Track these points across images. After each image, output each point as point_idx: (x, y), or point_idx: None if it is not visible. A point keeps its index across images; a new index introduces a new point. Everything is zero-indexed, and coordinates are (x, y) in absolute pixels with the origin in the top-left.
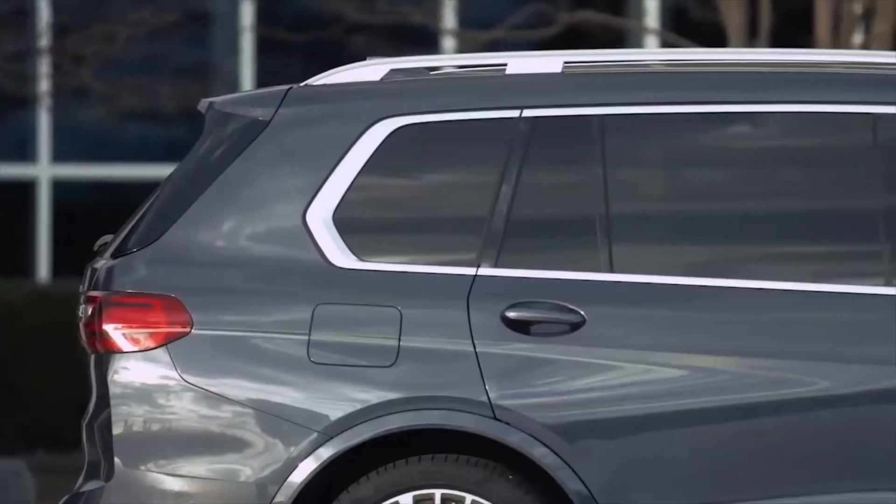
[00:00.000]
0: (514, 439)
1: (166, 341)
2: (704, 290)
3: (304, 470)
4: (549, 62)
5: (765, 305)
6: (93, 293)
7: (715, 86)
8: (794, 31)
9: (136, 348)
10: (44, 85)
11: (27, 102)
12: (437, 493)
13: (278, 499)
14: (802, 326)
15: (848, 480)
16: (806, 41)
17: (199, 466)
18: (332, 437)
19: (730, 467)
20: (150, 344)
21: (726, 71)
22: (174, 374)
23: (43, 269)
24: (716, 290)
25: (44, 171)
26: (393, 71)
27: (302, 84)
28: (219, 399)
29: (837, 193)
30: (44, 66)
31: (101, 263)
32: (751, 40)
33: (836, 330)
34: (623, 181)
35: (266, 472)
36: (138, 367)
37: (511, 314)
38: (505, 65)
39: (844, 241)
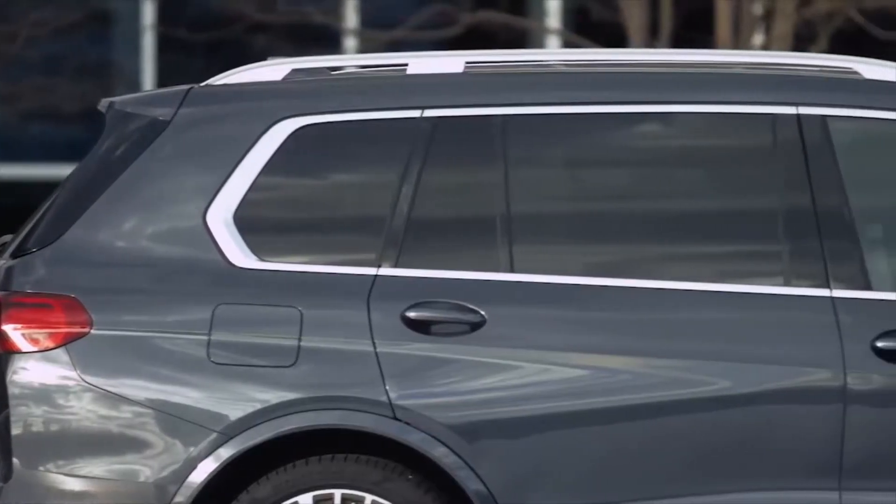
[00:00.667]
0: (413, 439)
1: (66, 341)
2: (604, 290)
3: (204, 470)
4: (450, 62)
5: (664, 305)
6: None
7: (616, 86)
8: (695, 31)
9: (35, 349)
10: None
11: None
12: (337, 493)
13: (178, 499)
14: (701, 326)
15: (747, 480)
16: (707, 42)
17: (99, 467)
18: (231, 438)
19: (630, 467)
20: (50, 344)
21: (627, 71)
22: (74, 374)
23: None
24: (616, 290)
25: None
26: (294, 71)
27: (203, 84)
28: (118, 399)
29: (737, 194)
30: None
31: (1, 263)
32: (652, 41)
33: (734, 330)
34: (524, 181)
35: (165, 473)
36: (38, 368)
37: (411, 314)
38: (406, 65)
39: (744, 241)
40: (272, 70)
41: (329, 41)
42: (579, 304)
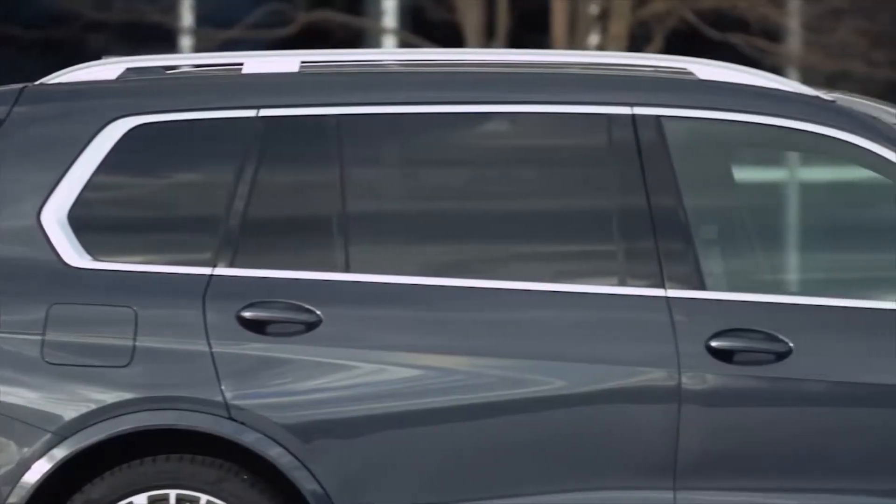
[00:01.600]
0: (249, 439)
1: None
2: (441, 290)
3: (38, 471)
4: (285, 62)
5: (501, 305)
6: None
7: (452, 86)
8: (531, 31)
9: None
10: None
11: None
12: (172, 494)
13: (11, 500)
14: (537, 326)
15: (583, 479)
16: (543, 42)
17: None
18: (66, 438)
19: (466, 466)
20: None
21: (463, 72)
22: None
23: None
24: (453, 289)
25: None
26: (129, 70)
27: (37, 82)
28: None
29: (573, 194)
30: None
31: None
32: (488, 41)
33: (570, 330)
34: (360, 181)
35: None
36: None
37: (247, 314)
38: (241, 64)
39: (580, 241)
40: (107, 69)
41: (165, 40)
42: (416, 304)
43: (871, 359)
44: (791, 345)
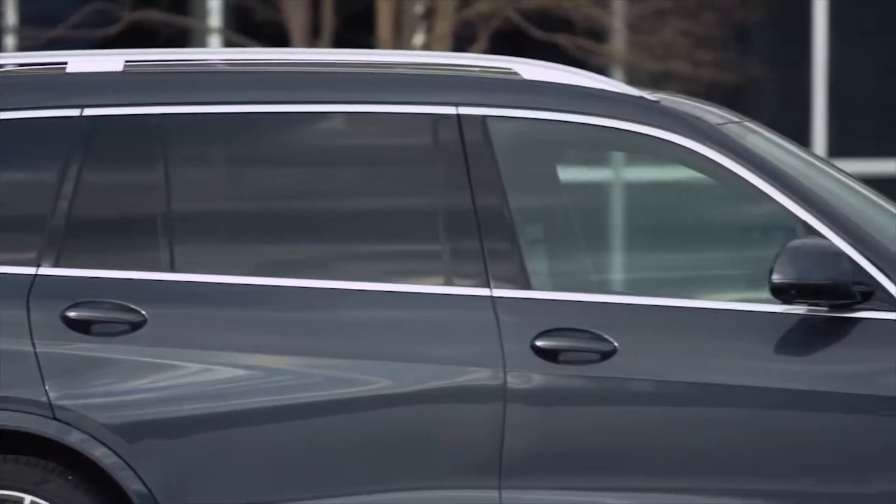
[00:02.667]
0: (73, 439)
1: None
2: (268, 290)
3: None
4: (110, 61)
5: (327, 305)
6: None
7: (278, 86)
8: (357, 31)
9: None
10: None
11: None
12: None
13: None
14: (364, 326)
15: (410, 479)
16: (368, 42)
17: None
18: None
19: (292, 467)
20: None
21: (290, 71)
22: None
23: None
24: (279, 289)
25: None
26: None
27: None
28: None
29: (400, 194)
30: None
31: None
32: (313, 41)
33: (397, 329)
34: (185, 181)
35: None
36: None
37: (71, 314)
38: (65, 63)
39: (407, 241)
40: None
41: None
42: (242, 304)
43: (696, 358)
44: (616, 344)
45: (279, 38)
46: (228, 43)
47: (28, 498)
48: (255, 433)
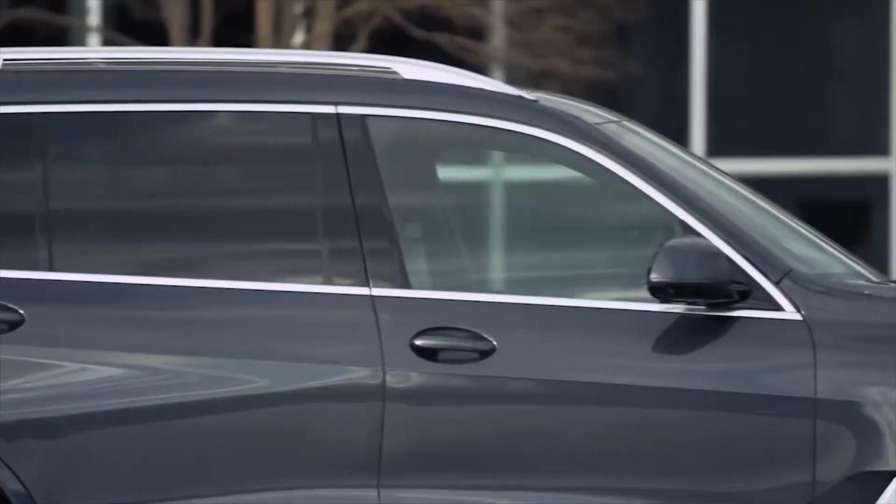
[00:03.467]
0: None
1: None
2: (147, 289)
3: None
4: None
5: (205, 304)
6: None
7: (157, 85)
8: (237, 31)
9: None
10: None
11: None
12: None
13: None
14: (244, 325)
15: (289, 478)
16: (248, 41)
17: None
18: None
19: (170, 466)
20: None
21: (169, 70)
22: None
23: None
24: (158, 288)
25: None
26: None
27: None
28: None
29: (279, 193)
30: None
31: None
32: (193, 40)
33: (276, 328)
34: (64, 180)
35: None
36: None
37: None
38: None
39: (286, 240)
40: None
41: None
42: (121, 303)
43: (575, 357)
44: (495, 343)
45: (159, 37)
46: (108, 42)
47: None
48: (134, 432)
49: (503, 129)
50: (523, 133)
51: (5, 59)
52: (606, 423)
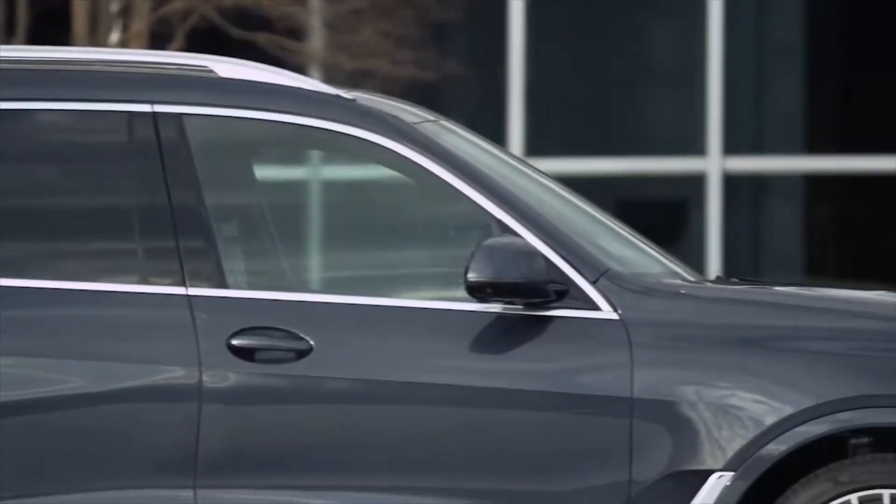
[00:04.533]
0: None
1: None
2: None
3: None
4: None
5: (23, 303)
6: None
7: None
8: (53, 29)
9: None
10: None
11: None
12: None
13: None
14: (61, 325)
15: (104, 478)
16: (64, 39)
17: None
18: None
19: None
20: None
21: None
22: None
23: None
24: None
25: None
26: None
27: None
28: None
29: (95, 192)
30: None
31: None
32: (8, 38)
33: (92, 328)
34: None
35: None
36: None
37: None
38: None
39: (103, 239)
40: None
41: None
42: None
43: (393, 356)
44: (312, 343)
45: None
46: None
47: None
48: None
49: (321, 129)
50: (341, 132)
51: None
52: (424, 423)
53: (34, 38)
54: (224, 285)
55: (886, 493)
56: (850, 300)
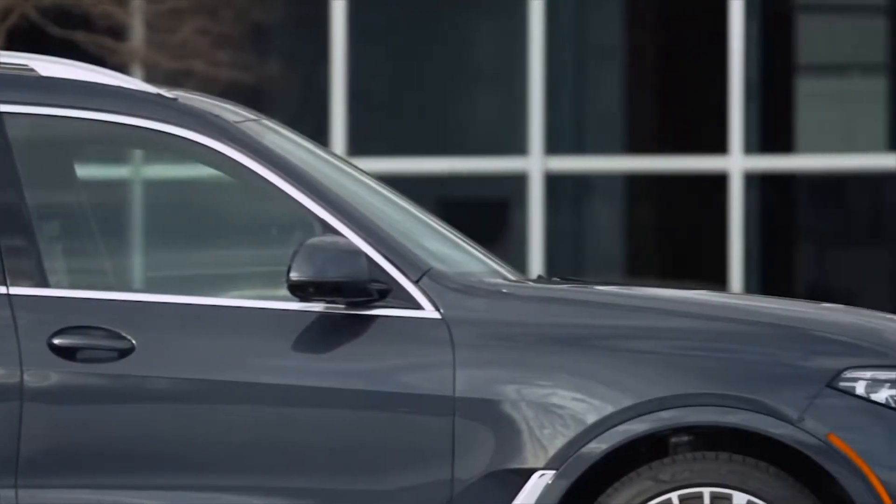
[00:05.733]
0: None
1: None
2: None
3: None
4: None
5: None
6: None
7: None
8: None
9: None
10: None
11: None
12: None
13: None
14: None
15: None
16: None
17: None
18: None
19: None
20: None
21: None
22: None
23: None
24: None
25: None
26: None
27: None
28: None
29: None
30: None
31: None
32: None
33: None
34: None
35: None
36: None
37: None
38: None
39: None
40: None
41: None
42: None
43: (215, 356)
44: (133, 342)
45: None
46: None
47: None
48: None
49: (142, 128)
50: (163, 131)
51: None
52: (246, 422)
53: None
54: (45, 284)
55: (706, 492)
56: (671, 299)
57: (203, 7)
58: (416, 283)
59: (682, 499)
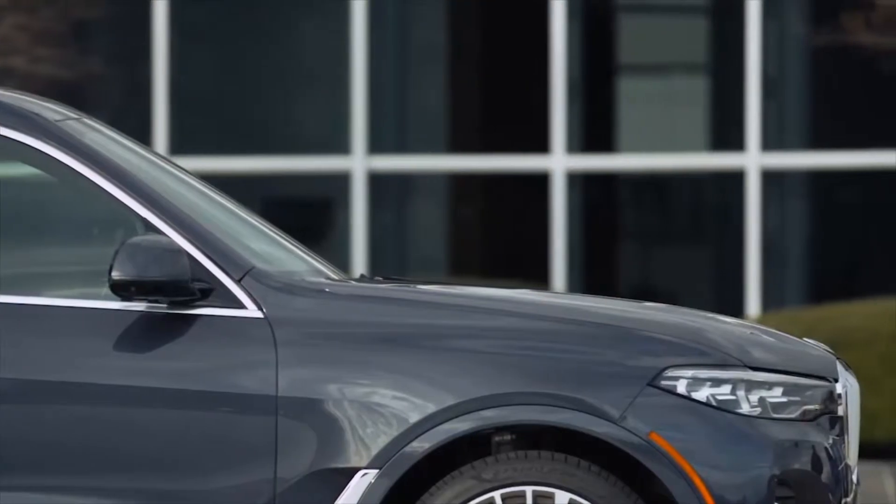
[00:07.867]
0: None
1: None
2: None
3: None
4: None
5: None
6: None
7: None
8: None
9: None
10: None
11: None
12: None
13: None
14: None
15: None
16: None
17: None
18: None
19: None
20: None
21: None
22: None
23: None
24: None
25: None
26: None
27: None
28: None
29: None
30: None
31: None
32: None
33: None
34: None
35: None
36: None
37: None
38: None
39: None
40: None
41: None
42: None
43: (33, 355)
44: None
45: None
46: None
47: None
48: None
49: None
50: None
51: None
52: (69, 423)
53: None
54: None
55: (529, 490)
56: (495, 298)
57: (22, 3)
58: (238, 282)
59: (504, 497)
